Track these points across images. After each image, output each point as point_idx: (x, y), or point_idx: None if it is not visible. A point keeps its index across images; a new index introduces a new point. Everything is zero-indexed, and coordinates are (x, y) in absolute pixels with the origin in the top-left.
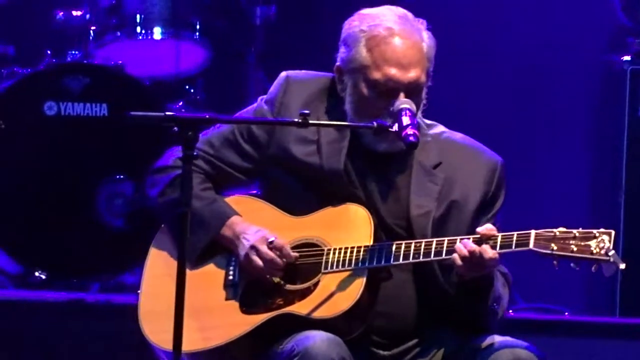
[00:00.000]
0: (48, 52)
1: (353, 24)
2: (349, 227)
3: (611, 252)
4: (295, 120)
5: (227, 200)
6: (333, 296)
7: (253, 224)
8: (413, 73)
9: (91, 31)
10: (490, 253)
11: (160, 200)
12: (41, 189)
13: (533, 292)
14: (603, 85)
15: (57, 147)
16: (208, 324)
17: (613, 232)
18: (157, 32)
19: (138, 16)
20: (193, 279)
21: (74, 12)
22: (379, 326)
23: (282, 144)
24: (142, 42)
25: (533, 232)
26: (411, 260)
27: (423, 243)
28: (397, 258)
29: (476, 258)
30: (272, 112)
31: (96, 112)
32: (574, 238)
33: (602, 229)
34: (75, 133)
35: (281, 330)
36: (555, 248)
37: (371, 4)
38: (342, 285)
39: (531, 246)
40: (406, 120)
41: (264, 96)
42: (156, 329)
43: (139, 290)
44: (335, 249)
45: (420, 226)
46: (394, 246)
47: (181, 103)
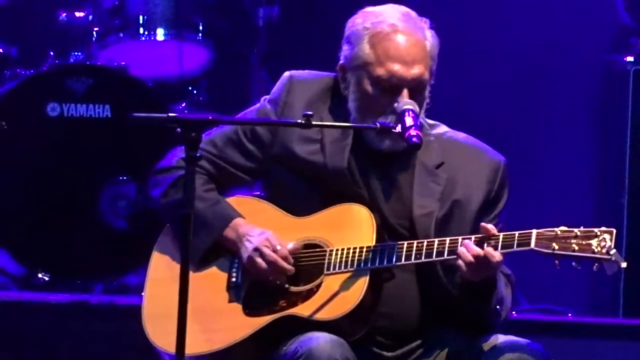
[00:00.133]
0: (51, 53)
1: (356, 22)
2: (352, 228)
3: (612, 251)
4: (298, 121)
5: (230, 201)
6: (336, 297)
7: (256, 226)
8: (416, 69)
9: (94, 32)
10: (496, 257)
11: (162, 201)
12: (44, 190)
13: (536, 293)
14: (606, 85)
15: (60, 149)
16: (211, 327)
17: (614, 231)
18: (160, 33)
19: (141, 17)
20: (196, 281)
21: (77, 13)
22: (382, 327)
23: (286, 143)
24: (145, 43)
25: (534, 232)
26: (413, 260)
27: (425, 243)
28: (400, 259)
29: (481, 260)
30: (276, 112)
31: (99, 114)
32: (575, 237)
33: (604, 228)
34: (78, 134)
35: (284, 332)
36: (556, 247)
37: (375, 4)
38: (345, 286)
39: (532, 246)
40: (409, 121)
41: (267, 96)
42: (160, 332)
43: (143, 292)
44: (337, 250)
45: (423, 226)
46: (397, 247)
47: (184, 104)
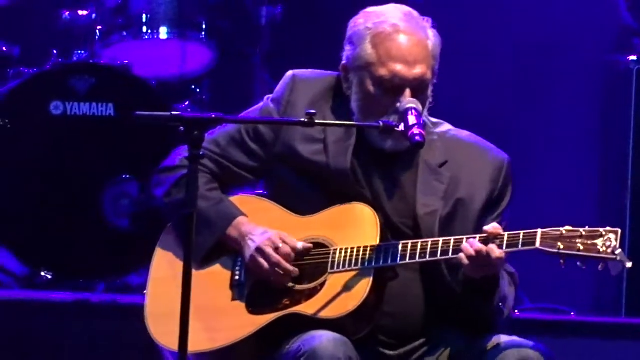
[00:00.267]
0: (54, 52)
1: (358, 22)
2: (356, 227)
3: (618, 251)
4: (301, 120)
5: (233, 199)
6: (340, 296)
7: (259, 225)
8: (419, 69)
9: (97, 31)
10: (497, 253)
11: (166, 200)
12: (46, 189)
13: (539, 292)
14: (609, 85)
15: (63, 147)
16: (214, 325)
17: (620, 231)
18: (163, 32)
19: (144, 16)
20: (199, 280)
21: (80, 12)
22: (386, 326)
23: (289, 143)
24: (148, 42)
25: (539, 231)
26: (417, 260)
27: (429, 242)
28: (404, 258)
29: (483, 257)
30: (279, 111)
31: (102, 112)
32: (581, 237)
33: (609, 228)
34: (81, 133)
35: (288, 330)
36: (561, 247)
37: (377, 4)
38: (349, 285)
39: (538, 245)
40: (412, 119)
41: (270, 95)
42: (163, 330)
43: (145, 291)
44: (341, 249)
45: (427, 225)
46: (400, 246)
47: (187, 103)
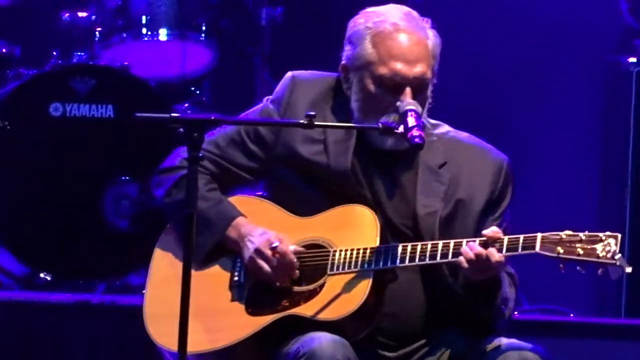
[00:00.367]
0: (54, 53)
1: (358, 22)
2: (355, 229)
3: (617, 256)
4: (300, 122)
5: (233, 200)
6: (339, 298)
7: (259, 226)
8: (419, 68)
9: (97, 32)
10: (496, 256)
11: (166, 200)
12: (47, 191)
13: (538, 294)
14: (610, 86)
15: (63, 149)
16: (214, 325)
17: (619, 236)
18: (163, 34)
19: (144, 17)
20: (198, 280)
21: (80, 13)
22: (386, 327)
23: (289, 144)
24: (148, 44)
25: (539, 235)
26: (417, 262)
27: (429, 245)
28: (403, 260)
29: (482, 261)
30: (278, 112)
31: (102, 114)
32: (580, 241)
33: (609, 232)
34: (81, 134)
35: (287, 331)
36: (561, 251)
37: (377, 4)
38: (348, 286)
39: (537, 249)
40: (412, 121)
41: (270, 96)
42: (162, 331)
43: (144, 291)
44: (341, 251)
45: (427, 226)
46: (400, 248)
47: (187, 104)
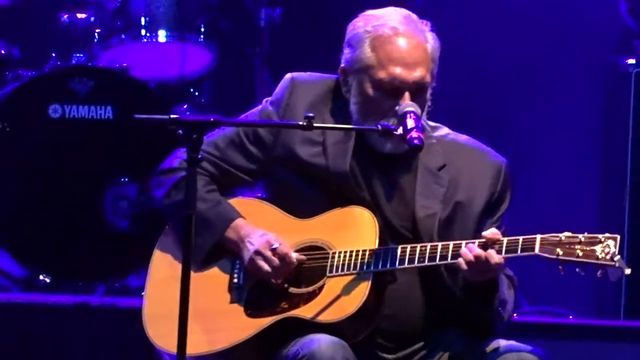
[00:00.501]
0: (53, 55)
1: (357, 25)
2: (354, 230)
3: (617, 257)
4: (299, 123)
5: (232, 201)
6: (338, 300)
7: (258, 228)
8: (418, 72)
9: (96, 34)
10: (495, 258)
11: (165, 201)
12: (45, 192)
13: (537, 295)
14: (608, 88)
15: (62, 150)
16: (213, 327)
17: (619, 237)
18: (162, 35)
19: (143, 19)
20: (198, 282)
21: (79, 15)
22: (385, 329)
23: (288, 145)
24: (147, 45)
25: (538, 237)
26: (416, 264)
27: (428, 247)
28: (402, 262)
29: (482, 263)
30: (278, 114)
31: (101, 115)
32: (580, 243)
33: (608, 234)
34: (80, 136)
35: (286, 333)
36: (560, 253)
37: (376, 7)
38: (348, 288)
39: (537, 251)
40: (411, 123)
41: (269, 98)
42: (161, 332)
43: (143, 293)
44: (340, 252)
45: (426, 228)
46: (399, 250)
47: (186, 106)
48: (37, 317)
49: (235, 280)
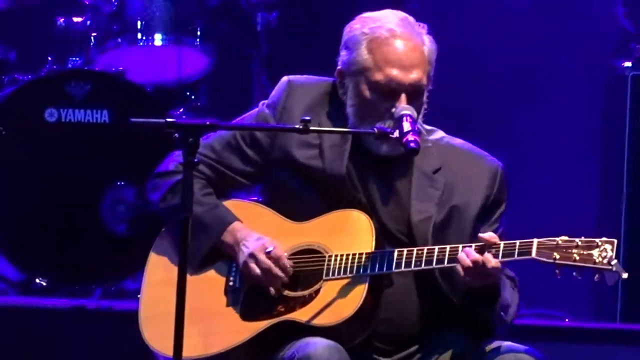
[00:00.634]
0: (49, 59)
1: (354, 27)
2: (351, 234)
3: (614, 262)
4: (296, 126)
5: (229, 204)
6: (334, 303)
7: (254, 231)
8: (415, 74)
9: (92, 37)
10: (493, 262)
11: (161, 205)
12: (42, 196)
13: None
14: (605, 90)
15: (58, 154)
16: (209, 330)
17: (615, 241)
18: (158, 39)
19: (139, 22)
20: (194, 285)
21: (75, 19)
22: (381, 332)
23: (285, 148)
24: (143, 49)
25: (535, 241)
26: (413, 268)
27: (425, 250)
28: (399, 265)
29: (479, 267)
30: (274, 117)
31: (97, 119)
32: (577, 247)
33: (605, 238)
34: (76, 140)
35: (282, 337)
36: (557, 257)
37: (373, 9)
38: (344, 292)
39: (533, 255)
40: (407, 126)
41: (266, 100)
42: (157, 335)
43: (139, 295)
44: (336, 256)
45: (421, 231)
46: (396, 253)
47: (182, 109)
48: (34, 321)
49: (231, 283)
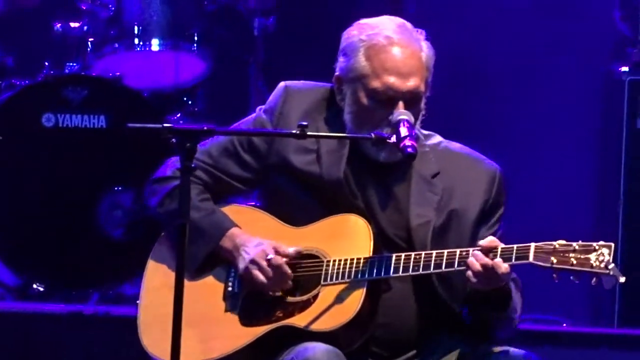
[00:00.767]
0: (46, 64)
1: (352, 34)
2: (349, 238)
3: (611, 266)
4: (293, 132)
5: (227, 209)
6: (333, 308)
7: (253, 236)
8: (412, 82)
9: (89, 42)
10: (502, 267)
11: (159, 210)
12: (39, 201)
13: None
14: (602, 95)
15: (56, 159)
16: (208, 336)
17: (613, 245)
18: (155, 44)
19: (136, 27)
20: (193, 290)
21: (73, 24)
22: (380, 337)
23: (282, 154)
24: (140, 54)
25: (533, 245)
26: (411, 272)
27: (423, 255)
28: (397, 270)
29: (489, 271)
30: (271, 122)
31: (94, 124)
32: (574, 251)
33: (602, 242)
34: (73, 145)
35: (281, 342)
36: (554, 261)
37: (370, 15)
38: (342, 297)
39: (531, 259)
40: (404, 131)
41: (263, 106)
42: (155, 341)
43: (138, 301)
44: (334, 261)
45: (419, 236)
46: (394, 258)
47: (179, 114)
48: (31, 326)
49: (230, 288)
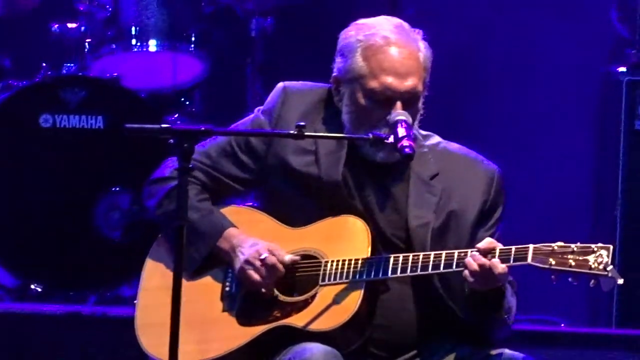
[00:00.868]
0: (44, 65)
1: (349, 34)
2: (347, 239)
3: (609, 267)
4: (291, 132)
5: (225, 210)
6: (330, 308)
7: (250, 237)
8: (410, 82)
9: (87, 43)
10: (500, 268)
11: (157, 211)
12: (37, 202)
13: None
14: (600, 96)
15: (53, 160)
16: (205, 336)
17: (611, 247)
18: (153, 45)
19: (133, 28)
20: (190, 291)
21: (70, 25)
22: (378, 338)
23: (280, 155)
24: (138, 55)
25: (531, 247)
26: (409, 273)
27: (421, 256)
28: (395, 271)
29: (486, 271)
30: (270, 123)
31: (92, 125)
32: (572, 252)
33: (600, 244)
34: (71, 146)
35: (278, 342)
36: (553, 263)
37: (368, 15)
38: (340, 297)
39: (529, 261)
40: (402, 131)
41: (261, 107)
42: (153, 342)
43: (135, 301)
44: (332, 261)
45: (419, 237)
46: (392, 259)
47: (177, 115)
48: (29, 327)
49: (227, 289)
